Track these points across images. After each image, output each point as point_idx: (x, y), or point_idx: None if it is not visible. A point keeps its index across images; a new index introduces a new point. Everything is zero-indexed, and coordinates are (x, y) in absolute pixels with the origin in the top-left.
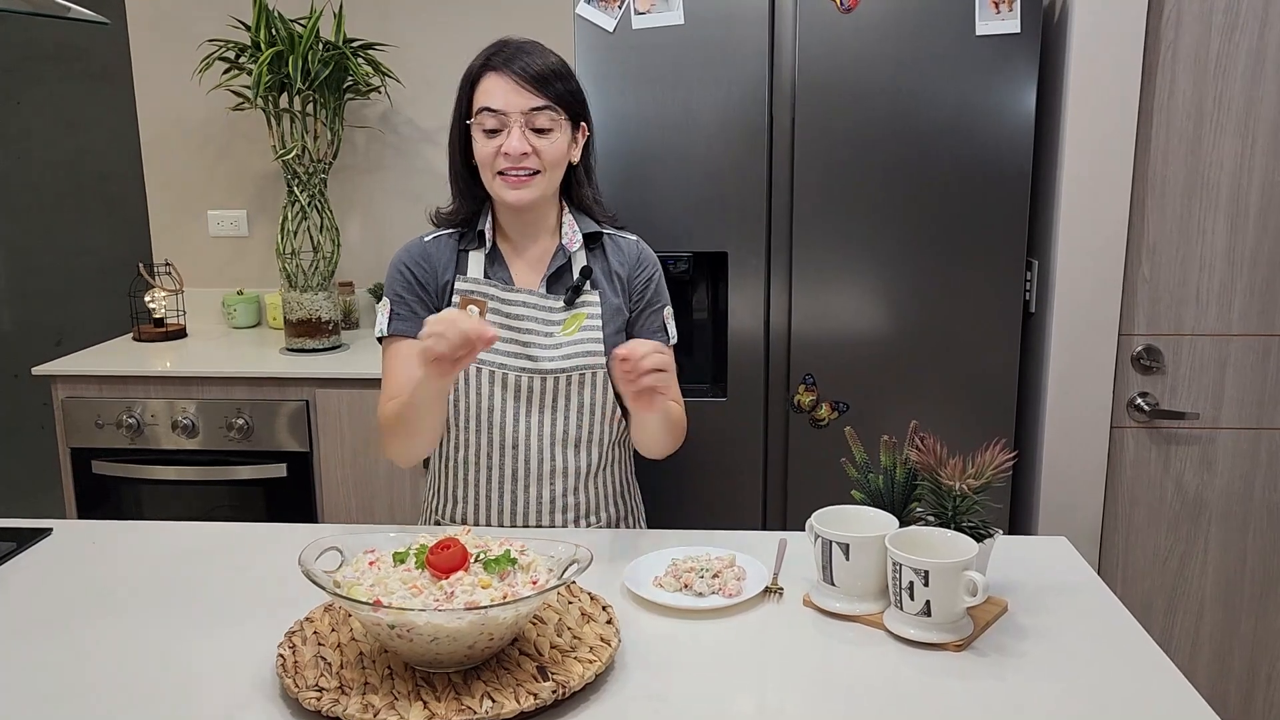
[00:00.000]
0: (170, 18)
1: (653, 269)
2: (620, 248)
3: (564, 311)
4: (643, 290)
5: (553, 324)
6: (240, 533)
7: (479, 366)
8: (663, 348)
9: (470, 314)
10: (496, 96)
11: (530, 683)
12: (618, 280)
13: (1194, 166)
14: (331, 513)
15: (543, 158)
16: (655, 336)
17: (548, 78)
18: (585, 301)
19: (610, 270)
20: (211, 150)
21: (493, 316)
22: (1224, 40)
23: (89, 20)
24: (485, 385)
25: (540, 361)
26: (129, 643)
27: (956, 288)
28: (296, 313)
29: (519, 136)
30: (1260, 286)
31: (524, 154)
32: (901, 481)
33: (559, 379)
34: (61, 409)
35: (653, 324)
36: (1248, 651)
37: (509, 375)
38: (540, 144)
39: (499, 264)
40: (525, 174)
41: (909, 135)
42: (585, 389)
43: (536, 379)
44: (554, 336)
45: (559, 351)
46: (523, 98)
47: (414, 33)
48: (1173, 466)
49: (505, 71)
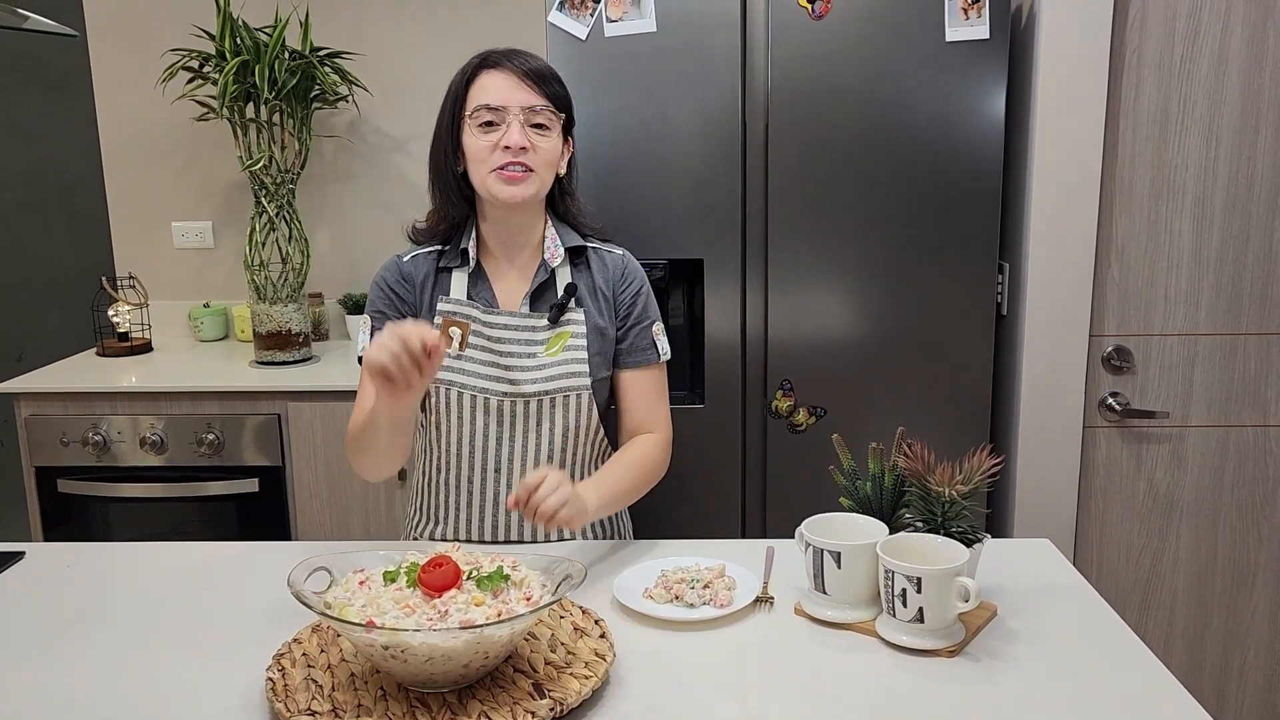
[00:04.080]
0: (131, 26)
1: (639, 284)
2: (605, 263)
3: (548, 330)
4: (629, 307)
5: (536, 344)
6: (219, 552)
7: (460, 390)
8: (559, 479)
9: (452, 335)
10: (496, 92)
11: (526, 700)
12: (602, 298)
13: (1160, 169)
14: (305, 528)
15: (539, 155)
16: (646, 354)
17: (546, 77)
18: (569, 320)
19: (595, 287)
20: (175, 161)
21: (475, 339)
22: (1187, 45)
23: (53, 32)
24: (467, 410)
25: (521, 385)
26: (112, 668)
27: (930, 291)
28: (266, 325)
29: (519, 129)
30: (1226, 286)
31: (523, 148)
32: (890, 488)
33: (541, 401)
34: (25, 427)
35: (642, 341)
36: (1219, 646)
37: (490, 400)
38: (538, 141)
39: (482, 282)
40: (521, 169)
41: (881, 140)
42: (569, 410)
43: (519, 402)
44: (537, 357)
45: (542, 373)
46: (523, 94)
47: (382, 41)
48: (1144, 465)
49: (505, 67)
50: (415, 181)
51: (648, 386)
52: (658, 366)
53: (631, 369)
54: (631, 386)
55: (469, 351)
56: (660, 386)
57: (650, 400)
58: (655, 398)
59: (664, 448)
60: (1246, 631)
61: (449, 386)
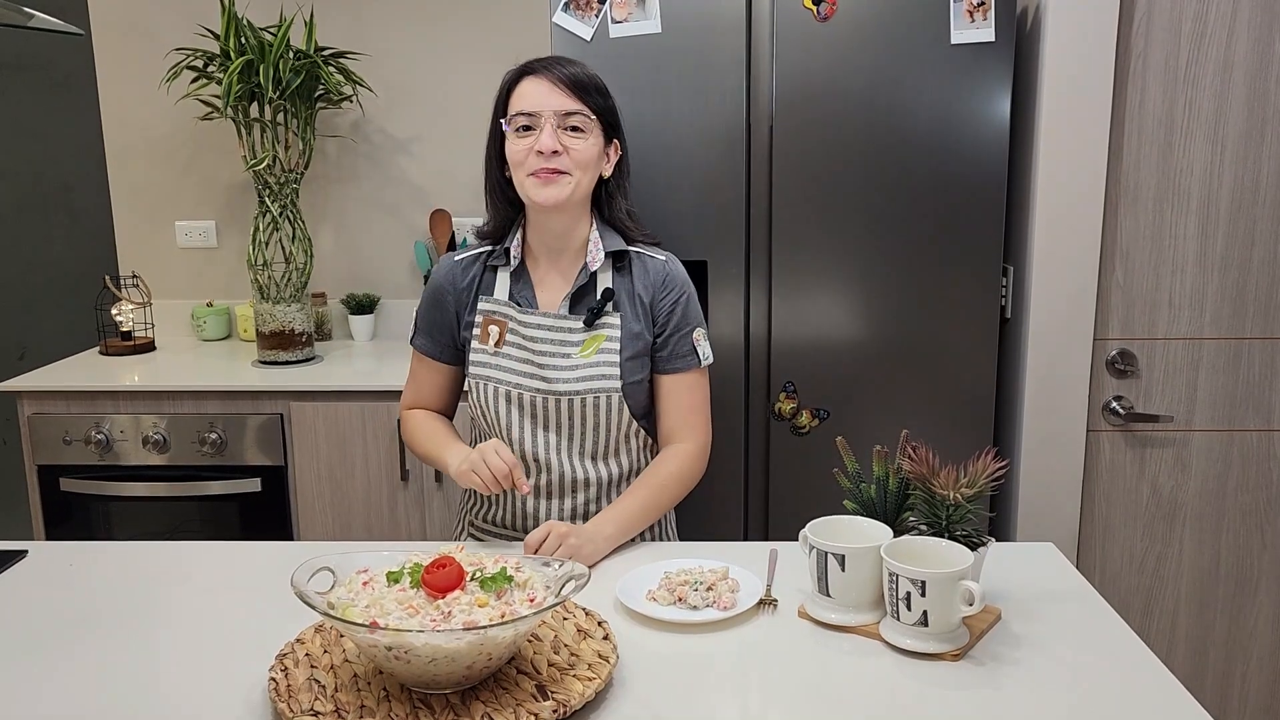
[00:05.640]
0: (135, 26)
1: (680, 290)
2: (648, 269)
3: (584, 332)
4: (669, 314)
5: (571, 345)
6: (221, 551)
7: (496, 385)
8: (561, 534)
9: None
10: (531, 98)
11: (530, 702)
12: (640, 304)
13: (1165, 172)
14: (307, 528)
15: (573, 158)
16: (685, 360)
17: (585, 85)
18: (605, 324)
19: (634, 292)
20: (179, 160)
21: (510, 337)
22: (1193, 49)
23: (58, 30)
24: (502, 404)
25: (555, 383)
26: (113, 667)
27: (934, 294)
28: (269, 324)
29: (550, 133)
30: (1230, 290)
31: (555, 151)
32: (894, 491)
33: (573, 400)
34: (28, 425)
35: (683, 347)
36: (1222, 651)
37: (524, 395)
38: (571, 143)
39: (524, 282)
40: (554, 172)
41: (886, 143)
42: (600, 411)
43: (550, 400)
44: (571, 358)
45: (575, 374)
46: (556, 99)
47: (386, 42)
48: (1148, 469)
49: (543, 75)
50: (418, 182)
51: (686, 391)
52: (698, 372)
53: (670, 374)
54: (670, 392)
55: (506, 349)
56: (700, 391)
57: (686, 405)
58: (690, 403)
59: (697, 456)
60: (1249, 637)
61: (485, 381)
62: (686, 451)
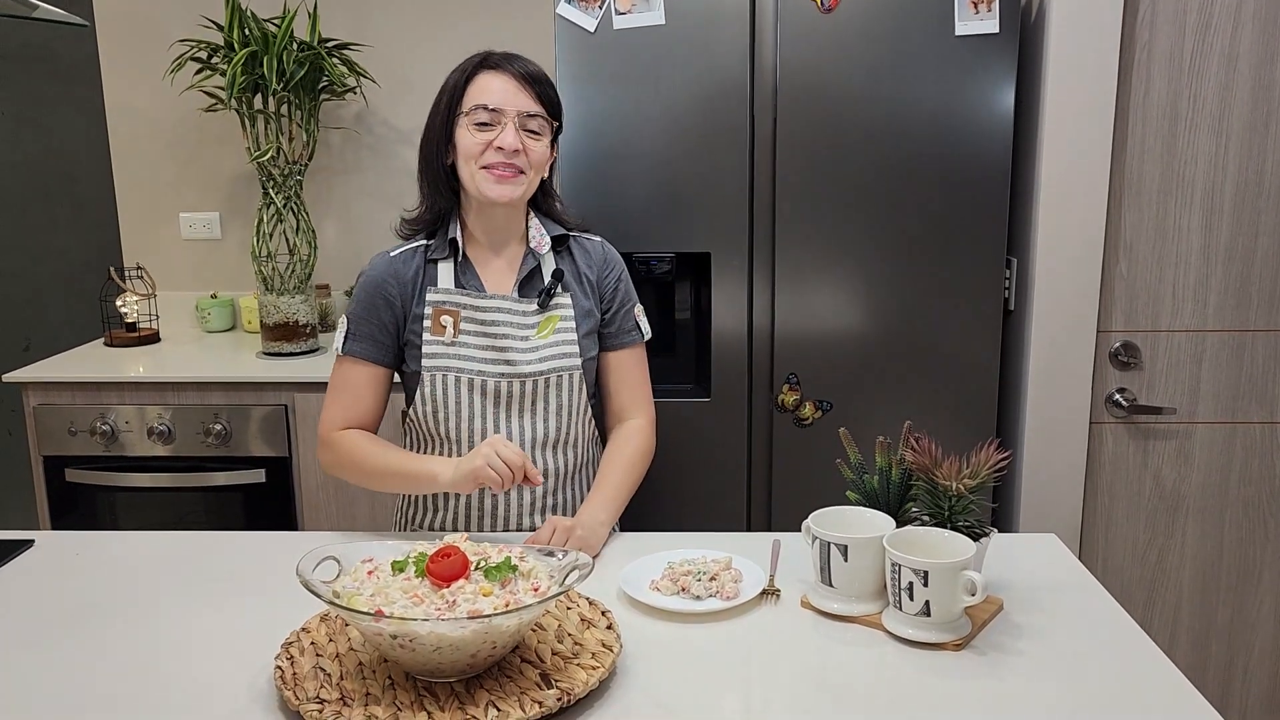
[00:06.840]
0: (140, 17)
1: (619, 269)
2: (586, 250)
3: (538, 314)
4: (613, 291)
5: (528, 327)
6: (227, 541)
7: (457, 375)
8: (565, 530)
9: (444, 324)
10: (495, 94)
11: (534, 690)
12: (587, 283)
13: (1169, 164)
14: (311, 519)
15: (530, 158)
16: (630, 335)
17: (543, 82)
18: (558, 304)
19: (579, 273)
20: (183, 152)
21: (467, 324)
22: (1198, 40)
23: (63, 21)
24: (465, 394)
25: (518, 365)
26: (119, 656)
27: (937, 286)
28: (273, 316)
29: (514, 132)
30: (1234, 282)
31: (516, 150)
32: (897, 482)
33: (537, 381)
34: (33, 416)
35: (627, 323)
36: (1224, 642)
37: (488, 381)
38: (530, 144)
39: (469, 272)
40: (513, 171)
41: (889, 134)
42: (562, 390)
43: (515, 382)
44: (530, 340)
45: (536, 354)
46: (521, 99)
47: (390, 33)
48: (1150, 461)
49: (505, 70)
50: None
51: (635, 366)
52: (642, 347)
53: (618, 350)
54: (618, 366)
55: (463, 337)
56: (644, 367)
57: (635, 379)
58: (639, 377)
59: (649, 432)
60: (1252, 628)
61: (445, 372)
62: (641, 428)
